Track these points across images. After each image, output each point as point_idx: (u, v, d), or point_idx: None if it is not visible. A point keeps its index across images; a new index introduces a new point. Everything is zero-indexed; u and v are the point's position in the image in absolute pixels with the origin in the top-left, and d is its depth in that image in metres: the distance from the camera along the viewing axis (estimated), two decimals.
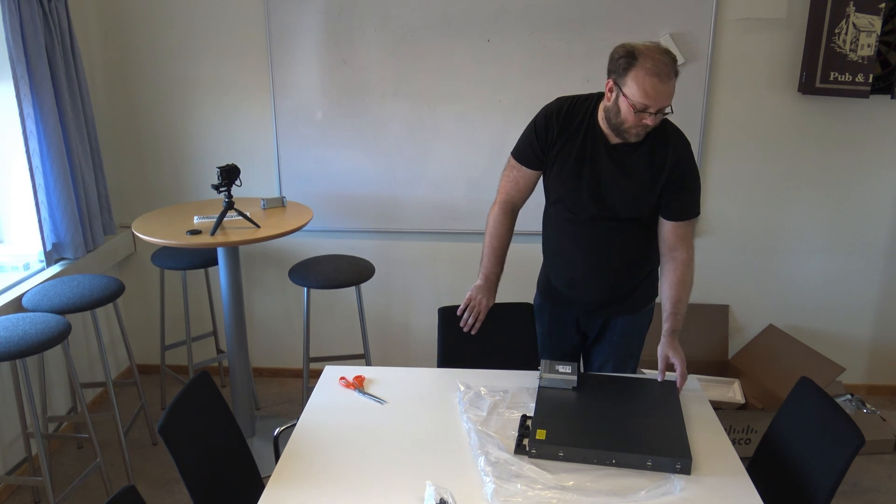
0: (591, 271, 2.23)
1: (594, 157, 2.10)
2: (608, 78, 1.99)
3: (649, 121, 1.94)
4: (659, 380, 2.09)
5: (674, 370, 2.08)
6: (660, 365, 2.10)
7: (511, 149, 2.27)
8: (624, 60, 1.92)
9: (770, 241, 3.49)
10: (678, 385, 2.06)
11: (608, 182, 2.10)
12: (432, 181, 3.47)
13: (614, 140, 2.07)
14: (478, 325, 2.26)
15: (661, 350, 2.10)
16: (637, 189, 2.09)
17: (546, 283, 2.41)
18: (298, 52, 3.33)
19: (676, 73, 1.93)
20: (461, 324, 2.26)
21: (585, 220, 2.17)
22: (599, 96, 2.11)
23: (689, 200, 2.11)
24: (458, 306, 2.32)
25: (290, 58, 3.34)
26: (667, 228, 2.14)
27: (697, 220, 2.18)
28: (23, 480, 2.80)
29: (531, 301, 2.57)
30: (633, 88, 1.91)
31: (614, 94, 1.97)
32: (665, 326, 2.12)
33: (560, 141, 2.13)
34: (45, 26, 2.87)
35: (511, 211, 2.30)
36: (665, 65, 1.88)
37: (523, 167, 2.22)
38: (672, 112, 1.97)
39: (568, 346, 2.42)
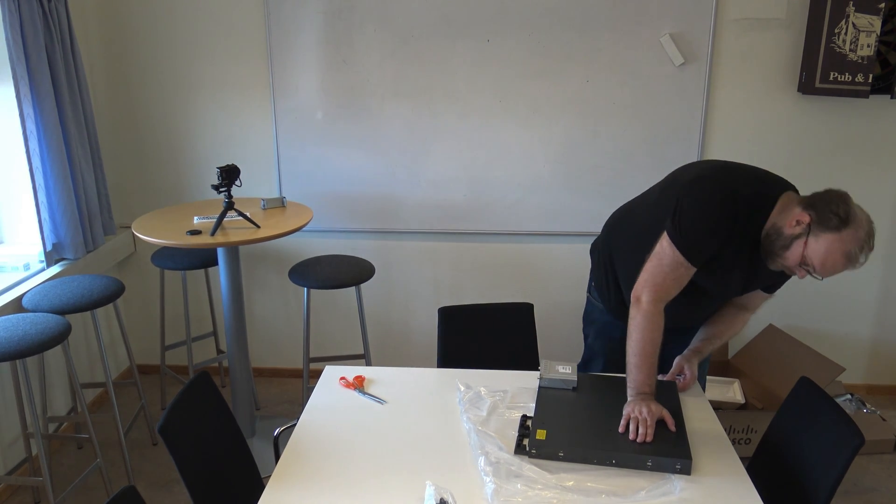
0: (678, 320, 2.09)
1: (751, 265, 1.93)
2: (807, 209, 1.75)
3: (801, 275, 1.78)
4: (663, 379, 2.09)
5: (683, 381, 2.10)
6: (673, 369, 2.12)
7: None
8: (835, 220, 1.70)
9: None
10: (681, 388, 2.08)
11: (752, 284, 2.02)
12: (432, 181, 3.47)
13: None
14: (650, 432, 1.82)
15: (679, 360, 2.12)
16: (765, 279, 2.02)
17: (619, 304, 2.23)
18: (298, 52, 3.33)
19: (865, 261, 1.75)
20: (631, 438, 1.83)
21: (717, 300, 2.12)
22: (768, 203, 1.85)
23: (784, 278, 2.01)
24: (459, 306, 2.32)
25: (290, 58, 3.34)
26: (758, 295, 2.09)
27: None
28: (23, 480, 2.80)
29: (531, 301, 2.57)
30: (819, 251, 1.71)
31: (799, 232, 1.75)
32: (694, 346, 2.14)
33: (733, 244, 1.89)
34: (45, 26, 2.87)
35: (662, 311, 1.95)
36: (861, 251, 1.71)
37: (693, 268, 1.90)
38: (820, 279, 1.80)
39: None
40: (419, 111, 3.37)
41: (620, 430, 1.84)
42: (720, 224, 1.84)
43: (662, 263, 1.91)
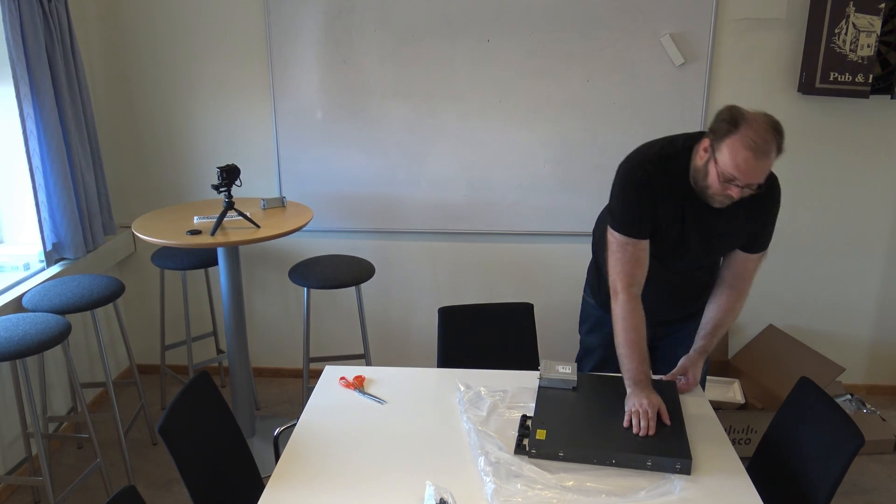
0: (669, 304, 2.20)
1: (697, 218, 1.98)
2: (707, 137, 1.86)
3: (734, 193, 1.82)
4: (664, 379, 2.09)
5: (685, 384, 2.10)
6: (676, 370, 2.11)
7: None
8: (725, 125, 1.79)
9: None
10: (681, 390, 2.08)
11: (706, 238, 2.02)
12: (432, 181, 3.47)
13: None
14: (653, 424, 1.85)
15: (684, 361, 2.11)
16: (732, 237, 2.03)
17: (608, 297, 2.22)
18: (298, 52, 3.33)
19: (780, 150, 1.78)
20: (634, 431, 1.85)
21: (680, 267, 2.11)
22: (688, 151, 1.96)
23: (768, 233, 2.04)
24: (459, 306, 2.32)
25: (290, 58, 3.34)
26: (740, 259, 2.07)
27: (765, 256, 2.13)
28: (23, 480, 2.80)
29: (531, 301, 2.57)
30: (725, 157, 1.78)
31: (707, 156, 1.85)
32: (698, 344, 2.11)
33: (662, 205, 1.98)
34: (45, 26, 2.87)
35: (638, 292, 2.02)
36: (766, 141, 1.74)
37: (640, 241, 1.99)
38: (762, 190, 1.83)
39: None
40: (419, 111, 3.37)
41: (625, 425, 1.86)
42: (638, 192, 1.97)
43: (614, 251, 2.02)
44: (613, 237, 2.02)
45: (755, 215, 2.00)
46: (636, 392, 1.91)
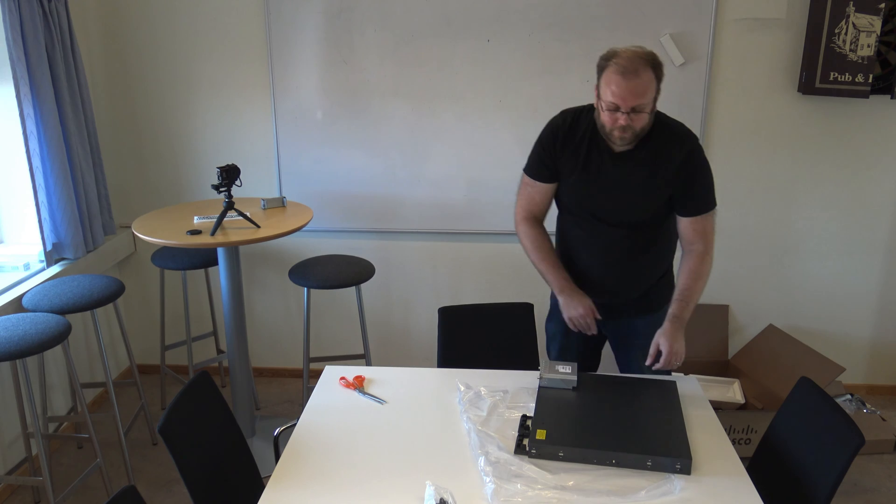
0: (602, 275, 2.24)
1: (599, 167, 2.11)
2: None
3: (622, 121, 1.95)
4: (647, 363, 2.09)
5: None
6: (651, 349, 2.10)
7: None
8: (601, 62, 1.97)
9: (770, 241, 3.49)
10: (660, 363, 2.07)
11: (614, 191, 2.11)
12: (432, 181, 3.47)
13: (618, 148, 2.07)
14: (591, 322, 2.18)
15: (657, 335, 2.10)
16: (643, 194, 2.10)
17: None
18: (298, 52, 3.33)
19: (659, 76, 1.95)
20: (582, 329, 2.22)
21: (595, 228, 2.18)
22: (589, 109, 2.15)
23: (701, 196, 2.11)
24: (459, 306, 2.32)
25: (290, 58, 3.34)
26: (683, 225, 2.14)
27: (715, 213, 2.17)
28: (23, 480, 2.80)
29: (531, 301, 2.57)
30: (604, 88, 1.96)
31: (596, 98, 2.02)
32: (669, 311, 2.12)
33: (566, 153, 2.14)
34: (45, 26, 2.87)
35: (535, 220, 2.28)
36: (632, 62, 1.90)
37: (537, 182, 2.23)
38: (649, 111, 1.97)
39: (587, 345, 2.39)
40: (419, 111, 3.37)
41: (572, 328, 2.17)
42: (543, 137, 2.18)
43: (519, 189, 2.29)
44: (522, 179, 2.28)
45: (672, 178, 2.07)
46: (567, 302, 2.18)
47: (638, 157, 2.07)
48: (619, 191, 2.11)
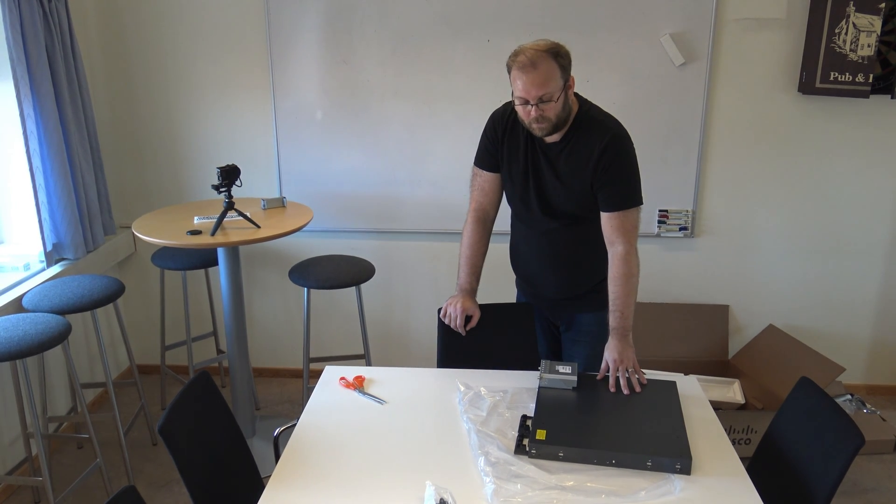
0: (543, 268, 2.29)
1: (535, 159, 2.16)
2: None
3: (534, 112, 1.99)
4: (610, 387, 2.04)
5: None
6: (602, 366, 2.10)
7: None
8: (508, 62, 2.01)
9: (770, 241, 3.49)
10: (622, 386, 2.02)
11: (546, 182, 2.16)
12: (432, 181, 3.47)
13: (549, 140, 2.11)
14: (460, 321, 2.29)
15: (606, 353, 2.10)
16: (570, 186, 2.12)
17: (516, 277, 2.50)
18: (298, 52, 3.33)
19: (557, 56, 1.96)
20: (448, 322, 2.33)
21: (532, 219, 2.24)
22: None
23: (618, 190, 2.08)
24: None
25: (290, 58, 3.34)
26: (603, 220, 2.13)
27: (639, 211, 2.13)
28: (23, 480, 2.80)
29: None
30: (513, 86, 2.01)
31: (512, 97, 2.06)
32: (609, 324, 2.12)
33: (506, 143, 2.20)
34: (45, 26, 2.87)
35: (483, 219, 2.33)
36: (531, 56, 1.94)
37: (484, 172, 2.28)
38: (557, 99, 1.97)
39: (544, 339, 2.48)
40: (419, 111, 3.37)
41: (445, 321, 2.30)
42: (488, 129, 2.24)
43: (471, 183, 2.34)
44: (473, 170, 2.33)
45: (591, 172, 2.08)
46: (453, 298, 2.31)
47: (565, 148, 2.11)
48: (550, 182, 2.15)
